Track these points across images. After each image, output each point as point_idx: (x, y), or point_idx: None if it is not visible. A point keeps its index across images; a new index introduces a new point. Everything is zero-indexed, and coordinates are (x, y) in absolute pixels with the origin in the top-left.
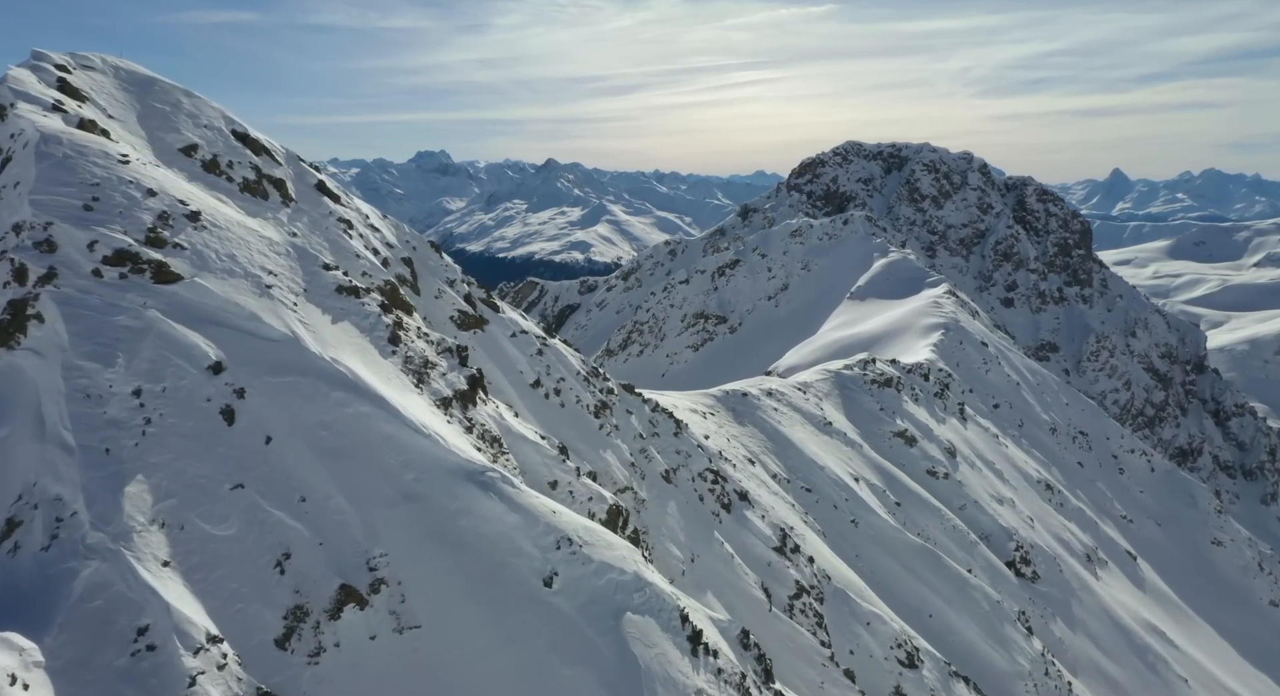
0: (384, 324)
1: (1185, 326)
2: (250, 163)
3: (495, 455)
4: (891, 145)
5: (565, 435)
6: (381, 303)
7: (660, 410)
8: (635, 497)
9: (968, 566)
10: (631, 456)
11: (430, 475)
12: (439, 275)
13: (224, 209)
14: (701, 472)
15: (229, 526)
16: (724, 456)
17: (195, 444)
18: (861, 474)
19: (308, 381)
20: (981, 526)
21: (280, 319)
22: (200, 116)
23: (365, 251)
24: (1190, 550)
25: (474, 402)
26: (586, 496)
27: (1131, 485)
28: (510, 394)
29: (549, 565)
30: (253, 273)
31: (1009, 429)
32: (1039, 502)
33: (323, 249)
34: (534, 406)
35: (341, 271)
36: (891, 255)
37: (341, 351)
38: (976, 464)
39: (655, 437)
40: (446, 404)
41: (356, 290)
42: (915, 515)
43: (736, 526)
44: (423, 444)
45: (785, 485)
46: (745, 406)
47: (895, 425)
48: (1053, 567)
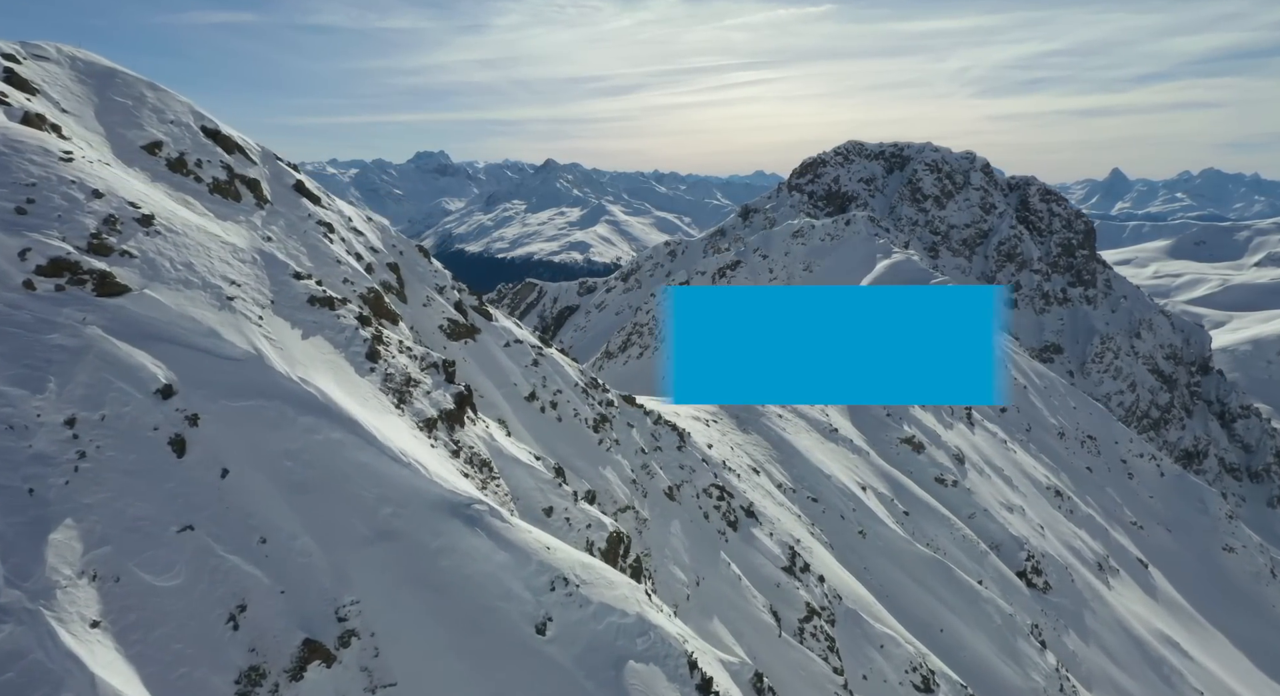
0: (361, 338)
1: (1190, 327)
2: (221, 161)
3: (484, 481)
4: (893, 145)
5: (563, 451)
6: (360, 314)
7: (663, 422)
8: (637, 517)
9: (978, 577)
10: (633, 472)
11: (409, 509)
12: (427, 281)
13: (183, 212)
14: (706, 488)
15: (174, 575)
16: (728, 466)
17: (138, 480)
18: (869, 482)
19: (272, 405)
20: (991, 535)
21: (243, 334)
22: (166, 111)
23: (347, 257)
24: (1201, 556)
25: (461, 423)
26: (585, 523)
27: (1141, 490)
28: (503, 408)
29: (542, 609)
30: (212, 283)
31: (1017, 434)
32: (1049, 509)
33: (300, 254)
34: (529, 421)
35: (315, 280)
36: (895, 256)
37: (312, 370)
38: (985, 470)
39: (658, 452)
40: (430, 425)
41: (331, 301)
42: (924, 524)
43: (743, 545)
44: (401, 474)
45: (791, 495)
46: (749, 414)
47: (902, 431)
48: (1064, 577)
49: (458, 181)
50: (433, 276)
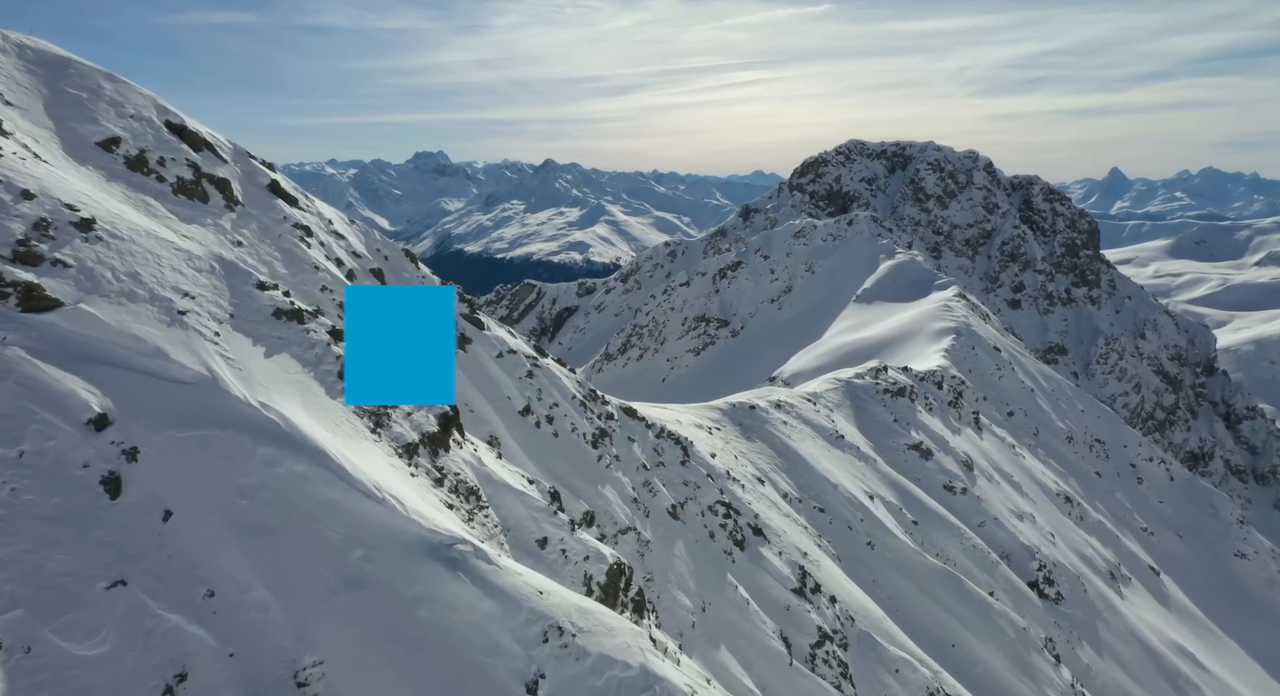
0: (334, 355)
1: (1194, 327)
2: (187, 159)
3: (471, 513)
4: (895, 144)
5: (559, 469)
6: (332, 328)
7: (665, 435)
8: (639, 539)
9: (990, 589)
10: (634, 491)
11: (383, 552)
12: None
13: (131, 216)
14: (712, 506)
15: (100, 642)
16: (732, 477)
17: (61, 528)
18: (876, 491)
19: (226, 435)
20: (1002, 544)
21: (194, 354)
22: (125, 105)
23: (326, 262)
24: (1213, 563)
25: (446, 446)
26: (582, 554)
27: (1150, 495)
28: (495, 424)
29: (534, 665)
30: (162, 295)
31: (1025, 438)
32: (1059, 517)
33: (273, 260)
34: (523, 437)
35: (282, 291)
36: (899, 256)
37: (276, 393)
38: (994, 477)
39: (660, 467)
40: (411, 452)
41: (300, 313)
42: (933, 534)
43: (751, 566)
44: (374, 511)
45: (797, 505)
46: (753, 420)
47: (910, 437)
48: (1076, 587)
49: (457, 182)
50: (420, 283)
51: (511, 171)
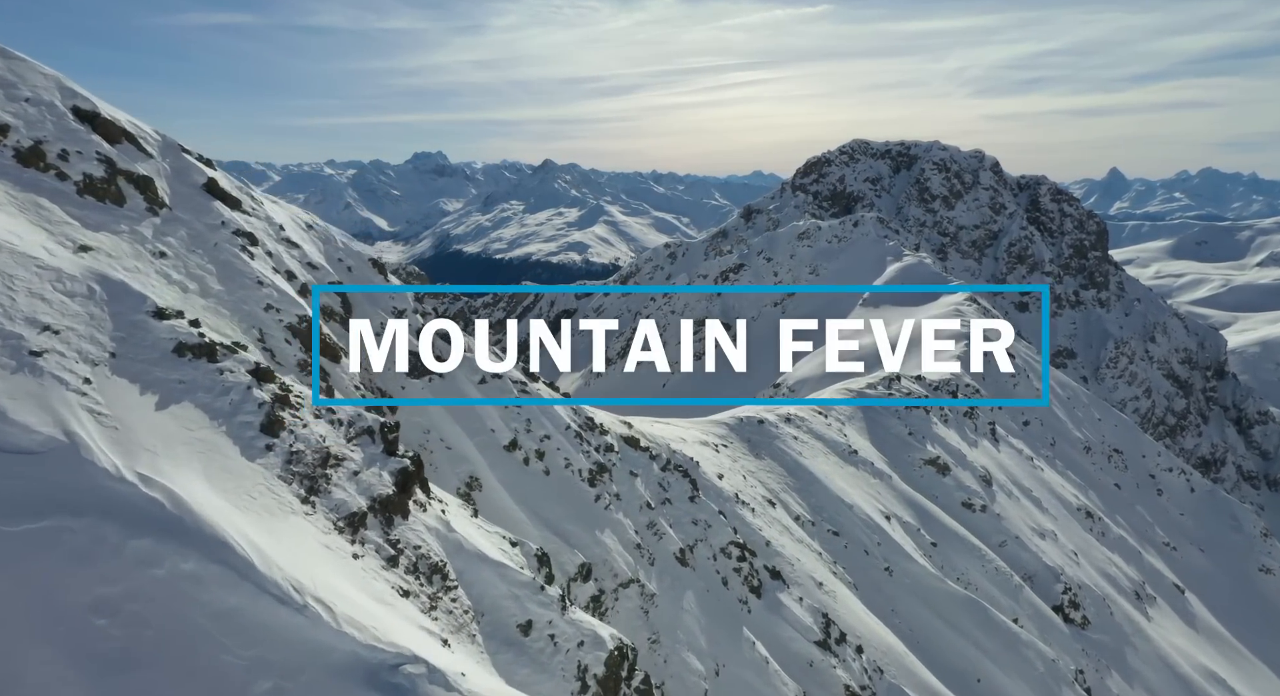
0: (256, 401)
1: (1204, 330)
2: (98, 153)
3: (434, 598)
4: (900, 143)
5: (551, 514)
6: (256, 366)
7: (672, 467)
8: (642, 593)
9: (1014, 615)
10: (637, 534)
11: (302, 680)
12: (382, 304)
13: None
14: (725, 547)
15: None
16: (741, 499)
17: None
18: (893, 510)
19: (84, 525)
20: (1024, 565)
21: (48, 411)
22: (20, 86)
23: (273, 276)
24: (1238, 578)
25: (405, 511)
26: (575, 640)
27: (1171, 507)
28: (476, 461)
29: None
30: (9, 331)
31: (1041, 449)
32: (1081, 533)
33: (205, 274)
34: (509, 477)
35: (190, 319)
36: (906, 259)
37: (166, 460)
38: (1014, 492)
39: (666, 505)
40: (356, 524)
41: (212, 348)
42: (953, 556)
43: (769, 616)
44: (292, 623)
45: (810, 529)
46: (762, 435)
47: (926, 451)
48: (1103, 610)
49: (456, 182)
50: (389, 298)
51: (510, 172)
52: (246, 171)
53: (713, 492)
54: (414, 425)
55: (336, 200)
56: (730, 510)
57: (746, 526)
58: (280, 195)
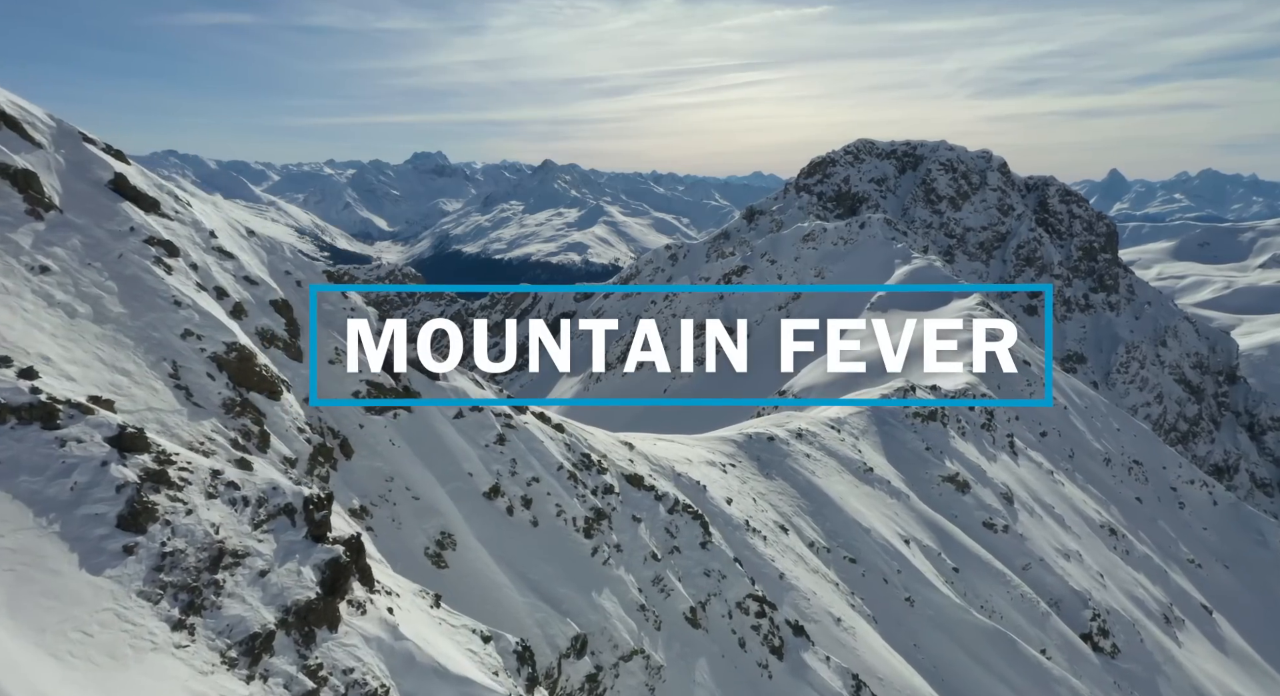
0: (113, 483)
1: (1216, 334)
2: None
3: None
4: (906, 143)
5: (539, 573)
6: (121, 431)
7: (680, 508)
8: (647, 666)
9: (1042, 646)
10: (642, 592)
11: None
12: (337, 325)
13: None
14: (741, 602)
15: None
16: (751, 526)
17: None
18: (911, 533)
19: None
20: (1050, 590)
21: None
22: None
23: (196, 296)
24: (1265, 596)
25: (333, 621)
26: None
27: (1194, 521)
28: (449, 513)
29: None
30: None
31: (1060, 461)
32: (1105, 552)
33: (104, 293)
34: (489, 530)
35: (18, 369)
36: (915, 261)
37: None
38: (1036, 510)
39: (675, 554)
40: (257, 650)
41: (49, 410)
42: (976, 582)
43: (793, 680)
44: None
45: (825, 556)
46: (772, 453)
47: (944, 468)
48: (1133, 637)
49: (455, 182)
50: (346, 316)
51: (510, 172)
52: (246, 171)
53: (721, 519)
54: (373, 473)
55: (336, 200)
56: (740, 540)
57: (759, 557)
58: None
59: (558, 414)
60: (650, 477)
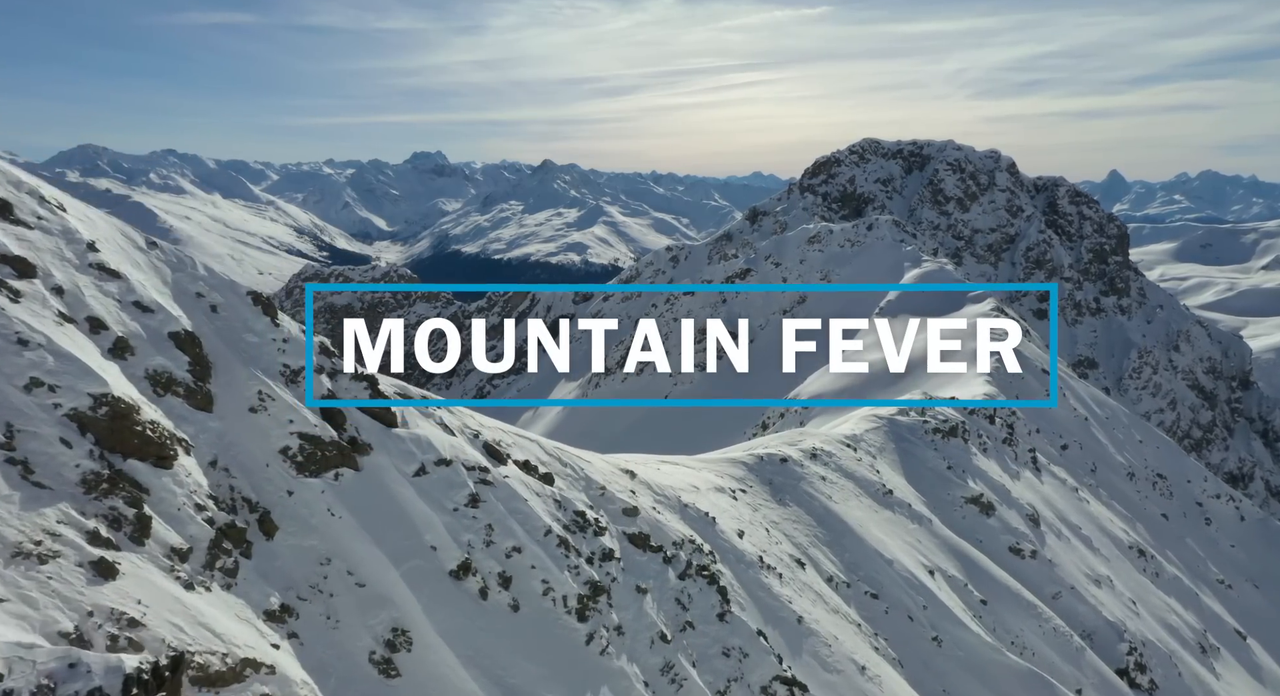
0: None
1: (1228, 338)
2: None
3: None
4: (912, 143)
5: (521, 674)
6: None
7: (693, 573)
8: None
9: (1078, 686)
10: (648, 686)
11: None
12: (263, 361)
13: None
14: (768, 685)
15: None
16: (765, 562)
17: None
18: (936, 563)
19: None
20: (1082, 621)
21: None
22: None
23: (52, 330)
24: None
25: None
26: None
27: (1221, 538)
28: (403, 602)
29: None
30: None
31: (1083, 476)
32: (1135, 576)
33: None
34: (456, 622)
35: None
36: (926, 265)
37: None
38: (1063, 532)
39: (688, 631)
40: None
41: None
42: (1006, 615)
43: None
44: None
45: (845, 591)
46: (785, 476)
47: (967, 488)
48: (1170, 670)
49: (455, 182)
50: (276, 349)
51: (510, 172)
52: (245, 170)
53: (732, 556)
54: (303, 555)
55: (335, 200)
56: (754, 579)
57: (775, 599)
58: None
59: (551, 443)
60: (654, 509)
